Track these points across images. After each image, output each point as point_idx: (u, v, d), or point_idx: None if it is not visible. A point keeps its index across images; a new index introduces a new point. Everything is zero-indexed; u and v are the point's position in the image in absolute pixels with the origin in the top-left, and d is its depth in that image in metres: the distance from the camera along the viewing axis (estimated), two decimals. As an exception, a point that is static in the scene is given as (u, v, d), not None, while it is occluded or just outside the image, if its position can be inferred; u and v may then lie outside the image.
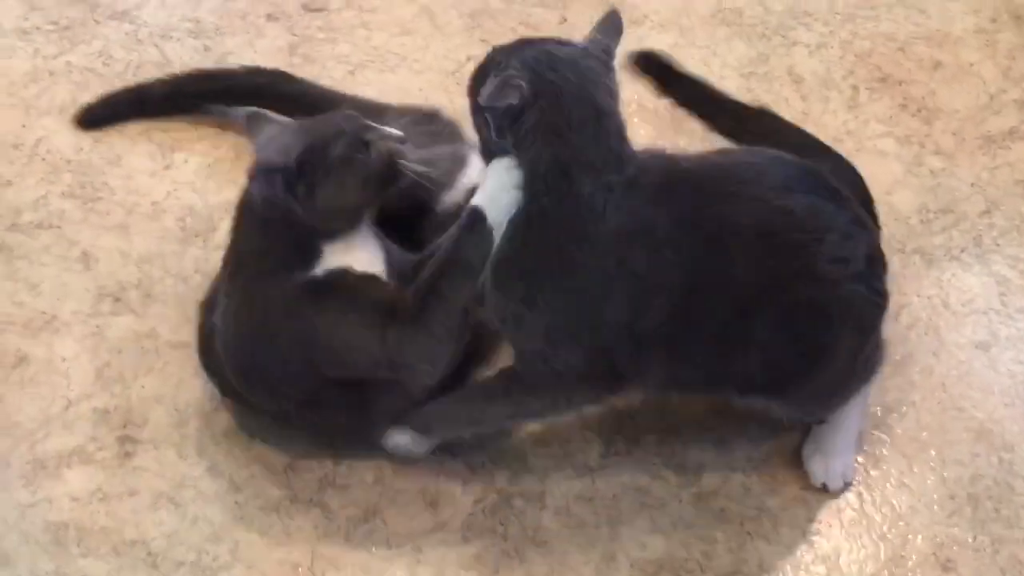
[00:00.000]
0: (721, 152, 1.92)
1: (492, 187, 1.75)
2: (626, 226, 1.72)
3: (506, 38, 2.39)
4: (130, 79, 2.37)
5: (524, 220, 1.73)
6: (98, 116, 2.32)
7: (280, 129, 1.85)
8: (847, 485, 1.91)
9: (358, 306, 1.81)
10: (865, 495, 1.91)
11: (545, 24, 2.46)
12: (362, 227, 1.85)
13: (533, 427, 1.96)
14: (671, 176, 1.77)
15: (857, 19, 2.47)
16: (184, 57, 2.41)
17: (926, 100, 2.35)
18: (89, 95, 2.34)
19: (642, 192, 1.73)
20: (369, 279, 1.83)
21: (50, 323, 2.07)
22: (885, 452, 1.94)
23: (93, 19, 2.47)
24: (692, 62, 2.38)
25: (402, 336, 1.79)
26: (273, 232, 1.82)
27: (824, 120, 2.31)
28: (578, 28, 2.43)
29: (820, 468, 1.91)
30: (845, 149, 2.17)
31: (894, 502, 1.90)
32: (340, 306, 1.81)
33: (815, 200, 1.76)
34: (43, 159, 2.26)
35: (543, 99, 1.70)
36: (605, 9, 2.43)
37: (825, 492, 1.90)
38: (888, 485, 1.92)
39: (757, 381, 1.80)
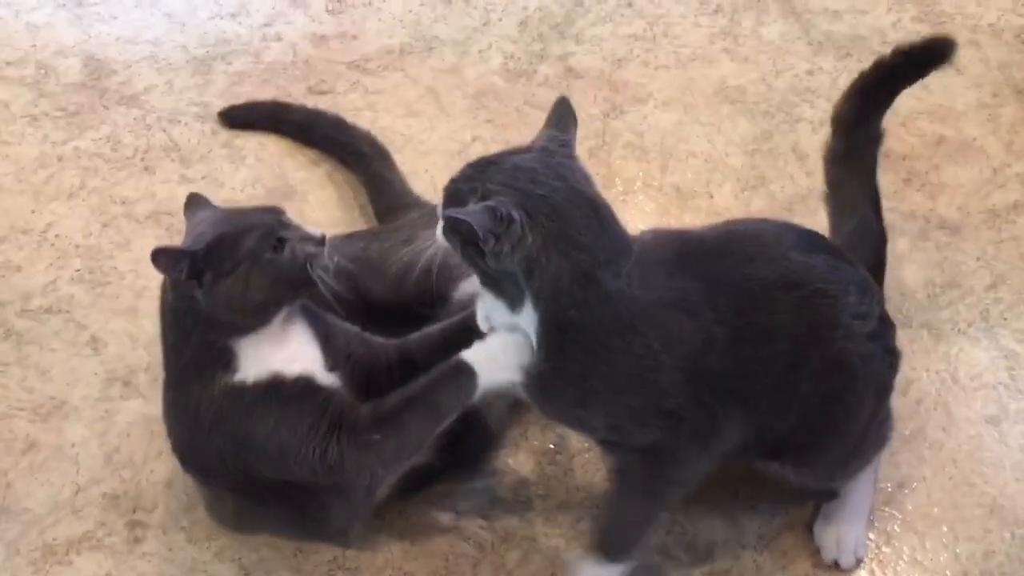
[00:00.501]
0: (728, 223, 1.91)
1: (492, 351, 1.72)
2: (661, 300, 1.69)
3: (510, 118, 2.45)
4: (138, 164, 2.39)
5: (556, 333, 1.67)
6: (239, 118, 2.44)
7: (209, 215, 1.80)
8: (859, 562, 1.90)
9: (295, 419, 1.73)
10: (878, 572, 1.90)
11: (549, 104, 2.46)
12: (280, 321, 1.76)
13: (542, 505, 1.96)
14: (686, 246, 1.76)
15: (859, 95, 2.49)
16: (192, 141, 2.43)
17: (930, 175, 2.36)
18: (98, 180, 2.36)
19: (662, 265, 1.71)
20: (304, 386, 1.75)
21: (59, 408, 2.07)
22: (897, 529, 1.93)
23: (101, 104, 2.49)
24: (696, 139, 2.42)
25: (346, 453, 1.73)
26: (184, 328, 1.75)
27: (829, 196, 2.32)
28: (582, 107, 2.45)
29: (832, 544, 1.90)
30: (850, 225, 2.18)
31: (907, 579, 1.89)
32: (275, 417, 1.73)
33: (831, 259, 1.77)
34: (52, 244, 2.28)
35: (540, 216, 1.63)
36: (608, 87, 2.49)
37: (837, 570, 1.89)
38: (901, 562, 1.90)
39: (789, 441, 1.79)
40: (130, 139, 2.44)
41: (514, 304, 1.68)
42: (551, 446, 2.02)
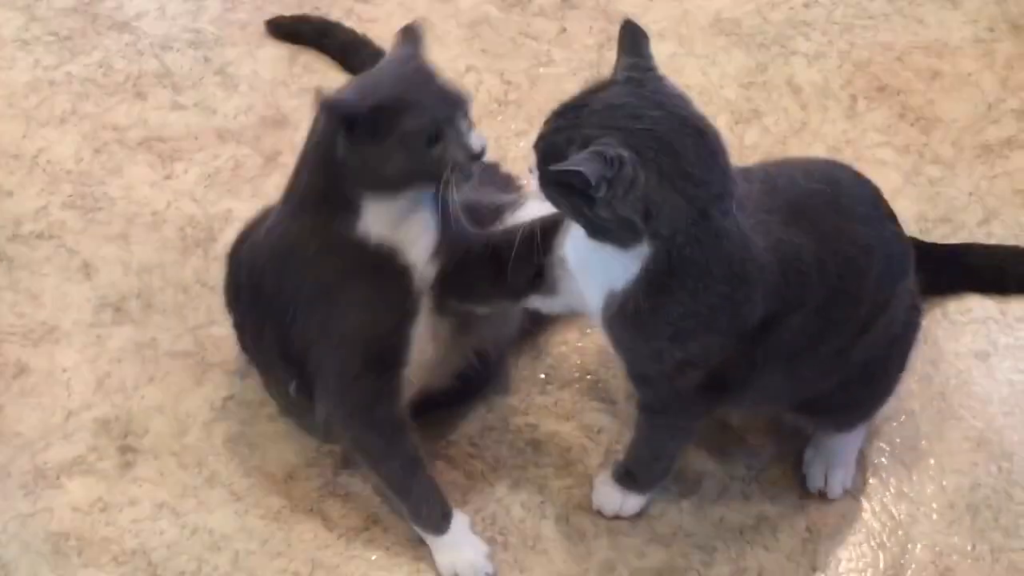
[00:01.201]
0: (810, 163, 1.87)
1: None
2: (775, 251, 1.63)
3: (505, 48, 2.44)
4: (130, 89, 2.38)
5: (664, 271, 1.59)
6: (284, 29, 2.47)
7: (396, 66, 1.75)
8: (845, 492, 1.92)
9: (375, 307, 1.77)
10: (864, 504, 1.91)
11: (545, 34, 2.47)
12: (411, 198, 1.73)
13: (532, 434, 1.96)
14: (794, 193, 1.70)
15: (855, 29, 2.48)
16: (184, 67, 2.41)
17: (924, 110, 2.35)
18: (90, 105, 2.35)
19: (776, 212, 1.66)
20: (406, 279, 1.76)
21: (51, 333, 2.07)
22: (884, 461, 1.95)
23: (93, 30, 2.48)
24: (691, 71, 2.41)
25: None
26: (323, 160, 1.73)
27: (823, 130, 2.31)
28: (577, 37, 2.46)
29: (819, 474, 1.91)
30: (844, 158, 2.18)
31: (893, 511, 1.90)
32: (366, 289, 1.76)
33: (893, 224, 1.77)
34: (43, 170, 2.27)
35: (650, 152, 1.52)
36: (603, 18, 2.48)
37: (823, 499, 1.90)
38: (887, 494, 1.92)
39: (822, 401, 1.81)
40: (122, 65, 2.43)
41: (626, 246, 1.59)
42: (541, 376, 2.02)
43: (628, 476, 1.87)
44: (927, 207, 2.21)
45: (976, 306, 2.09)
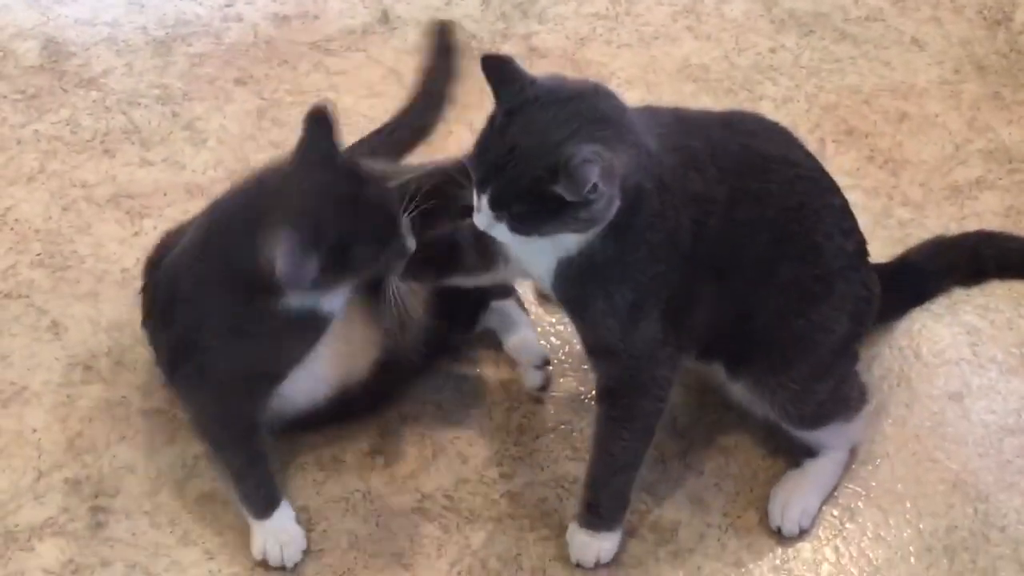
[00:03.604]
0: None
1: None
2: (676, 159, 1.70)
3: (474, 98, 2.42)
4: (98, 146, 2.37)
5: (627, 217, 1.66)
6: None
7: (312, 175, 1.73)
8: (802, 532, 1.91)
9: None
10: (842, 548, 1.90)
11: (512, 83, 2.47)
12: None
13: (507, 486, 1.95)
14: (687, 116, 1.81)
15: (822, 72, 2.49)
16: (152, 123, 2.41)
17: (893, 152, 2.36)
18: (58, 163, 2.34)
19: (670, 131, 1.73)
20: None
21: (20, 394, 2.05)
22: (860, 505, 1.94)
23: (60, 87, 2.47)
24: (659, 118, 2.41)
25: None
26: (257, 278, 1.72)
27: (792, 173, 2.32)
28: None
29: (777, 510, 1.91)
30: (813, 202, 2.18)
31: (871, 555, 1.90)
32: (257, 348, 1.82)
33: (820, 170, 1.84)
34: (12, 228, 2.26)
35: (596, 131, 1.61)
36: (571, 66, 2.49)
37: (779, 536, 1.91)
38: (864, 538, 1.91)
39: (759, 342, 1.82)
40: (90, 122, 2.42)
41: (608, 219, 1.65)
42: (515, 426, 2.02)
43: (591, 511, 1.86)
44: (898, 249, 2.20)
45: (948, 347, 2.09)
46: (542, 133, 1.60)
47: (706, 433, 2.01)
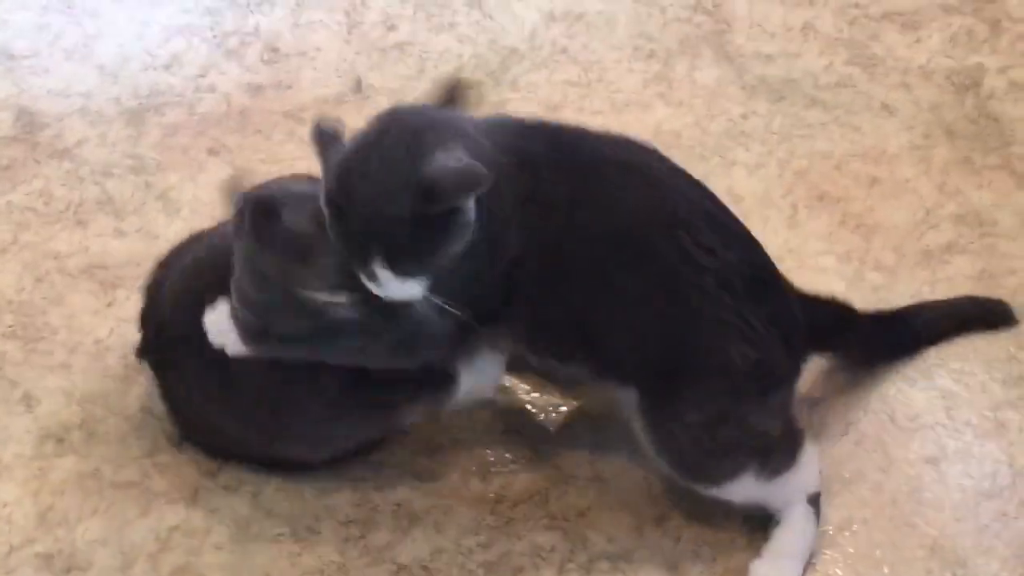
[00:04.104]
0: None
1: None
2: (507, 156, 1.71)
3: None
4: (71, 217, 2.37)
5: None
6: None
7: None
8: None
9: None
10: (821, 616, 1.90)
11: (486, 151, 2.48)
12: None
13: (483, 556, 1.94)
14: (533, 125, 1.83)
15: (793, 138, 2.50)
16: (126, 193, 2.41)
17: (864, 216, 2.37)
18: (31, 234, 2.34)
19: (509, 132, 1.77)
20: None
21: (-9, 467, 2.04)
22: (839, 572, 1.93)
23: (33, 158, 2.47)
24: (632, 185, 2.42)
25: None
26: None
27: (765, 239, 2.28)
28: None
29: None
30: (786, 267, 2.17)
31: (850, 622, 1.89)
32: None
33: (685, 184, 1.85)
34: (-16, 301, 2.25)
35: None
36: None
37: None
38: (843, 605, 1.91)
39: (611, 354, 1.81)
40: (63, 192, 2.42)
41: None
42: (491, 495, 2.01)
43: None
44: (871, 314, 2.22)
45: (923, 411, 2.09)
46: (386, 172, 1.63)
47: (683, 499, 2.00)
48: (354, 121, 2.50)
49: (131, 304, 2.22)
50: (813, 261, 2.29)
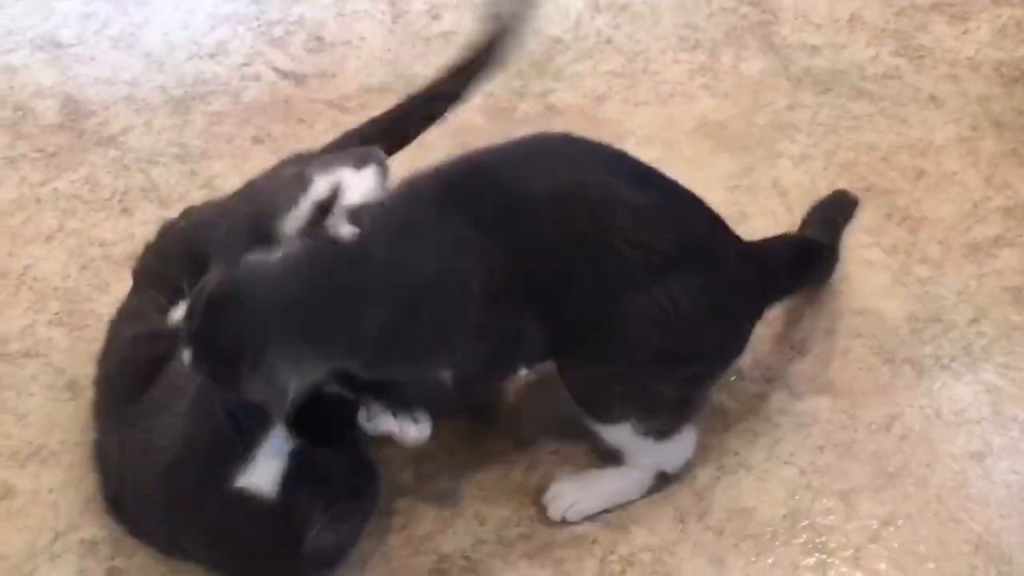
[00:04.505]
0: (518, 140, 1.93)
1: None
2: (435, 256, 1.75)
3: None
4: (116, 205, 2.38)
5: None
6: None
7: None
8: (564, 521, 1.95)
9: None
10: (864, 611, 1.89)
11: (530, 141, 2.48)
12: None
13: (525, 546, 1.94)
14: (448, 180, 1.81)
15: (840, 130, 2.49)
16: (171, 181, 2.42)
17: (911, 209, 2.35)
18: (76, 222, 2.35)
19: (424, 217, 1.77)
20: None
21: (37, 453, 2.05)
22: (884, 566, 1.92)
23: (79, 146, 2.48)
24: (677, 175, 2.39)
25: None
26: None
27: (810, 231, 2.32)
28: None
29: (553, 491, 1.97)
30: (832, 261, 2.18)
31: (893, 617, 1.88)
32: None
33: (610, 179, 1.80)
34: (30, 287, 2.26)
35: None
36: (588, 124, 2.49)
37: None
38: (887, 600, 1.90)
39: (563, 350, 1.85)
40: (108, 180, 2.43)
41: None
42: (533, 487, 2.00)
43: None
44: (917, 307, 2.20)
45: (969, 406, 2.08)
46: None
47: (725, 493, 1.99)
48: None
49: (176, 292, 2.24)
50: (859, 254, 2.28)
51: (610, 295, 1.79)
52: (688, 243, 1.82)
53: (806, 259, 2.10)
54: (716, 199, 2.33)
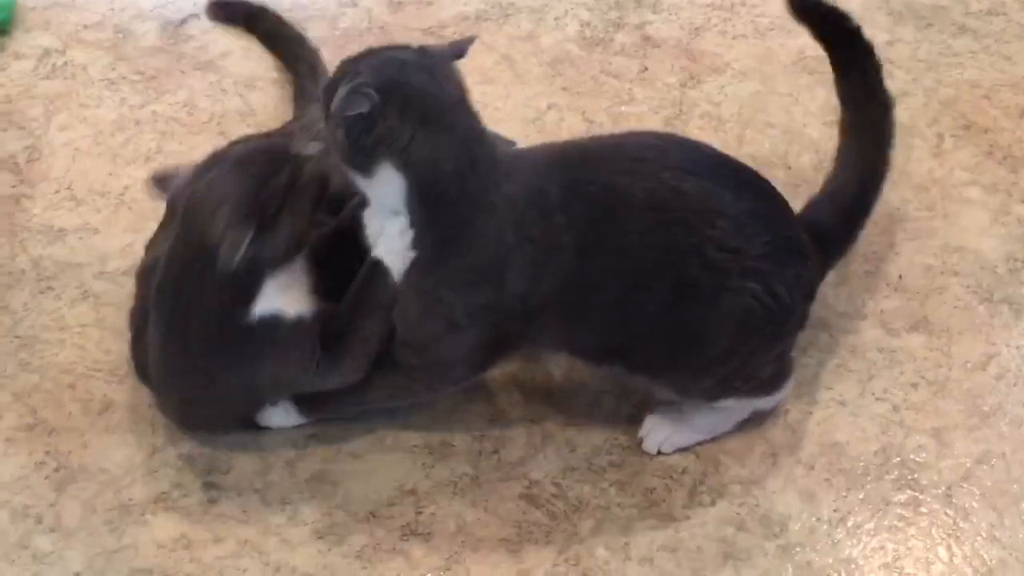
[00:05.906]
0: (626, 133, 2.01)
1: (387, 248, 1.82)
2: (518, 195, 1.78)
3: (586, 87, 2.43)
4: (214, 128, 2.40)
5: (424, 225, 1.78)
6: (222, 12, 2.55)
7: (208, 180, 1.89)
8: (659, 452, 1.96)
9: (291, 354, 1.87)
10: (955, 548, 1.88)
11: (626, 73, 2.46)
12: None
13: (616, 475, 1.95)
14: (561, 153, 1.88)
15: (940, 67, 2.45)
16: (268, 106, 2.43)
17: (1012, 148, 2.32)
18: (175, 144, 2.37)
19: (530, 167, 1.81)
20: (297, 326, 1.86)
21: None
22: (975, 504, 1.91)
23: (179, 69, 2.50)
24: (774, 110, 2.39)
25: (327, 369, 1.89)
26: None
27: (909, 168, 2.29)
28: (659, 76, 2.46)
29: (648, 426, 1.97)
30: (931, 197, 2.17)
31: (984, 555, 1.87)
32: (276, 355, 1.87)
33: (711, 185, 1.80)
34: (129, 207, 2.29)
35: (399, 98, 1.74)
36: (685, 57, 2.47)
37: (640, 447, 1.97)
38: (978, 538, 1.88)
39: (641, 359, 1.87)
40: (206, 103, 2.45)
41: (389, 199, 1.78)
42: (624, 416, 2.01)
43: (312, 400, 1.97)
44: (1016, 247, 2.17)
45: (1067, 346, 2.06)
46: (384, 61, 1.81)
47: (818, 428, 1.99)
48: (492, 39, 2.51)
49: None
50: (957, 192, 2.25)
51: (702, 301, 1.81)
52: (781, 243, 1.84)
53: (854, 219, 2.05)
54: (813, 134, 2.34)
